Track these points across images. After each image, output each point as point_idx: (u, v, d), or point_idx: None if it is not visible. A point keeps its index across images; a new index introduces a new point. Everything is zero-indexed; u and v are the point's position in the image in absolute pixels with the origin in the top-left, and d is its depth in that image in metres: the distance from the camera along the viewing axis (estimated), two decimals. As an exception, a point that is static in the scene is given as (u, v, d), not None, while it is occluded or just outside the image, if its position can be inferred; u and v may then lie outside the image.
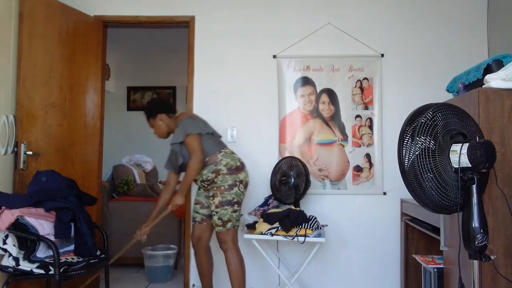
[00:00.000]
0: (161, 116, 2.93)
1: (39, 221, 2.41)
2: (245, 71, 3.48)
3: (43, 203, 2.49)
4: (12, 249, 2.32)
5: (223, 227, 2.76)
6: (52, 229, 2.45)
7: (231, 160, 2.80)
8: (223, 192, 2.74)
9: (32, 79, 2.86)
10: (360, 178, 3.38)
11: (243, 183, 2.81)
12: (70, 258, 2.47)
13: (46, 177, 2.61)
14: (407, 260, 3.13)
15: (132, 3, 3.53)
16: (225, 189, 2.74)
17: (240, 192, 2.79)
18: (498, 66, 1.96)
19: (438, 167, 1.52)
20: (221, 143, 2.94)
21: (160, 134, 2.99)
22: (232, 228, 2.79)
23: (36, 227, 2.37)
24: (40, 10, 2.94)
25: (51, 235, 2.43)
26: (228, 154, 2.82)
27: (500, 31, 3.28)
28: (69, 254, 2.51)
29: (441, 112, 1.58)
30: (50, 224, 2.46)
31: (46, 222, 2.44)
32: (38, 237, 2.34)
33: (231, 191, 2.75)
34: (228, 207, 2.74)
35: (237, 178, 2.77)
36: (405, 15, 3.48)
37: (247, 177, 2.87)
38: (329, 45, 3.45)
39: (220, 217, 2.75)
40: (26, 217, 2.35)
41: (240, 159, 2.88)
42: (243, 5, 3.51)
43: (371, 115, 3.41)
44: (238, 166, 2.82)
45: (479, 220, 1.52)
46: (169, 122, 2.95)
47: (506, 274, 1.81)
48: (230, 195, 2.74)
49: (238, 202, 2.79)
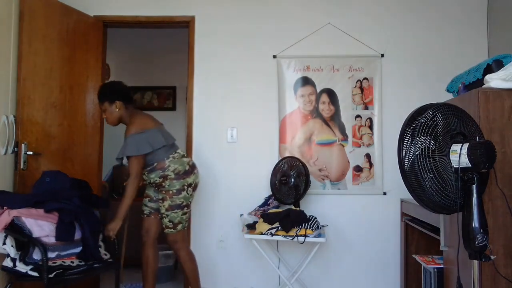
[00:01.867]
0: (119, 103, 2.79)
1: (39, 222, 2.38)
2: (245, 71, 3.48)
3: (44, 203, 2.45)
4: (10, 250, 2.31)
5: (173, 229, 2.80)
6: (53, 231, 2.42)
7: (179, 165, 2.79)
8: (172, 196, 2.76)
9: (32, 79, 2.86)
10: (360, 178, 3.38)
11: (191, 186, 2.83)
12: (70, 261, 2.41)
13: (50, 178, 2.60)
14: (407, 260, 3.13)
15: (132, 3, 3.53)
16: (174, 193, 2.76)
17: (188, 195, 2.81)
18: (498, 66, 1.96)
19: (438, 167, 1.52)
20: (172, 148, 2.85)
21: (111, 121, 2.83)
22: (182, 229, 2.84)
23: (33, 229, 2.33)
24: (40, 10, 2.94)
25: (51, 236, 2.40)
26: (176, 160, 2.80)
27: (500, 31, 3.28)
28: (71, 257, 2.45)
29: (441, 112, 1.58)
30: (52, 225, 2.42)
31: (46, 223, 2.41)
32: (29, 239, 2.30)
33: (180, 195, 2.77)
34: (178, 210, 2.78)
35: (185, 183, 2.79)
36: (405, 15, 3.48)
37: (196, 179, 2.88)
38: (329, 45, 3.45)
39: (171, 220, 2.78)
40: (23, 218, 2.33)
41: (190, 162, 2.88)
42: (243, 5, 3.51)
43: (371, 115, 3.41)
44: (187, 170, 2.82)
45: (479, 220, 1.52)
46: (124, 113, 2.82)
47: (506, 274, 1.81)
48: (179, 199, 2.77)
49: (187, 205, 2.83)
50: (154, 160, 2.74)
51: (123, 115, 2.83)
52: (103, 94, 2.82)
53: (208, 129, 3.47)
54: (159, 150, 2.75)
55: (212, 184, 3.41)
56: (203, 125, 3.47)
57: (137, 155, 2.68)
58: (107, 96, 2.80)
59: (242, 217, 3.16)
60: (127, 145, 2.69)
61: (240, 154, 3.45)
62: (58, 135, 3.04)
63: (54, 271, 2.29)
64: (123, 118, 2.84)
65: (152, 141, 2.73)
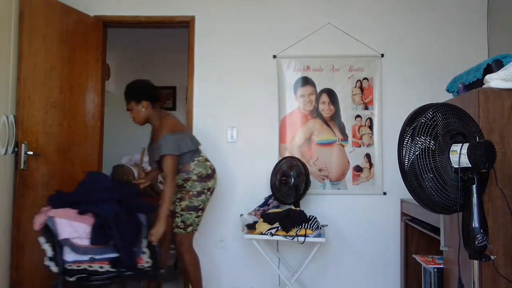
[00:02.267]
0: (146, 103, 2.77)
1: (73, 223, 2.32)
2: (245, 71, 3.48)
3: (80, 205, 2.40)
4: (48, 250, 2.29)
5: (184, 230, 2.79)
6: (87, 233, 2.34)
7: (203, 169, 2.83)
8: (191, 198, 2.77)
9: (32, 79, 2.86)
10: (360, 178, 3.38)
11: (210, 190, 2.86)
12: (99, 266, 2.30)
13: (88, 178, 2.56)
14: (407, 260, 3.13)
15: (132, 3, 3.53)
16: (193, 195, 2.77)
17: (206, 199, 2.83)
18: (498, 66, 1.96)
19: (438, 167, 1.52)
20: (197, 151, 2.88)
21: (138, 121, 2.82)
22: (192, 231, 2.84)
23: (63, 229, 2.28)
24: (40, 10, 2.94)
25: (84, 238, 2.33)
26: (200, 163, 2.83)
27: (500, 31, 3.28)
28: (102, 262, 2.33)
29: (441, 112, 1.58)
30: (87, 227, 2.34)
31: (81, 224, 2.33)
32: (55, 240, 2.26)
33: (199, 197, 2.78)
34: (193, 212, 2.77)
35: (205, 186, 2.81)
36: (405, 15, 3.48)
37: (215, 184, 2.91)
38: (329, 45, 3.45)
39: (183, 220, 2.77)
40: (57, 218, 2.29)
41: (212, 166, 2.91)
42: (243, 5, 3.51)
43: (371, 115, 3.41)
44: (209, 174, 2.85)
45: (479, 220, 1.52)
46: (151, 113, 2.80)
47: (506, 274, 1.81)
48: (197, 201, 2.78)
49: (202, 209, 2.83)
50: (180, 163, 2.75)
51: (150, 115, 2.80)
52: (130, 93, 2.79)
53: (208, 129, 3.46)
54: (187, 153, 2.77)
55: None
56: (203, 125, 3.47)
57: (173, 155, 2.67)
58: (134, 95, 2.77)
59: (242, 217, 3.16)
60: (163, 145, 2.67)
61: (240, 154, 3.45)
62: (58, 135, 3.04)
63: (75, 274, 2.21)
64: (150, 118, 2.82)
65: (183, 144, 2.76)
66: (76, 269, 2.25)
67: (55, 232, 2.28)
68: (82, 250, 2.30)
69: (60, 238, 2.27)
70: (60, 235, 2.28)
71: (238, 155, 3.44)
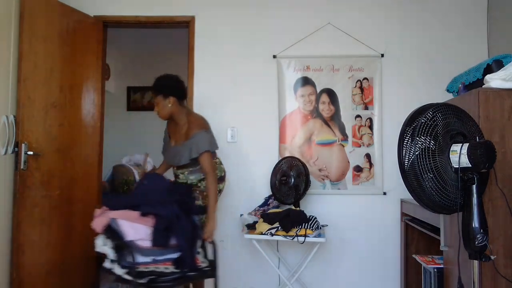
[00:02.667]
0: (173, 99, 2.71)
1: (134, 225, 2.29)
2: (245, 71, 3.48)
3: (140, 206, 2.38)
4: (109, 252, 2.27)
5: None
6: (148, 234, 2.32)
7: (218, 171, 2.83)
8: (205, 198, 2.72)
9: (33, 79, 2.85)
10: (360, 178, 3.38)
11: (220, 192, 2.88)
12: (164, 267, 2.29)
13: (148, 180, 2.55)
14: (407, 260, 3.13)
15: (132, 3, 3.53)
16: (207, 195, 2.69)
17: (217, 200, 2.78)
18: (498, 66, 1.97)
19: (438, 167, 1.52)
20: (214, 153, 2.87)
21: (163, 115, 2.77)
22: None
23: (127, 231, 2.26)
24: (41, 10, 2.93)
25: (146, 240, 2.31)
26: (217, 165, 2.85)
27: (500, 31, 3.28)
28: (166, 263, 2.32)
29: (441, 112, 1.58)
30: (148, 229, 2.32)
31: (142, 226, 2.31)
32: (120, 242, 2.24)
33: None
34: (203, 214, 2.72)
35: (217, 188, 2.76)
36: (405, 15, 3.48)
37: (224, 187, 2.93)
38: (329, 45, 3.45)
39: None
40: (119, 220, 2.27)
41: (225, 169, 2.94)
42: (243, 5, 3.51)
43: (371, 115, 3.41)
44: (222, 176, 2.87)
45: (479, 220, 1.52)
46: (176, 109, 2.75)
47: (506, 274, 1.81)
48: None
49: None
50: (198, 163, 2.71)
51: (175, 111, 2.75)
52: (158, 87, 2.74)
53: (208, 129, 3.46)
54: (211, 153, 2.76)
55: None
56: (203, 125, 3.47)
57: (210, 151, 2.68)
58: (162, 90, 2.72)
59: (242, 217, 3.16)
60: (200, 142, 2.64)
61: (240, 154, 3.44)
62: (58, 135, 3.03)
63: (146, 276, 2.19)
64: (174, 114, 2.76)
65: (214, 142, 2.79)
66: (146, 270, 2.22)
67: (121, 234, 2.25)
68: (145, 252, 2.27)
69: (126, 239, 2.24)
70: (126, 236, 2.25)
71: (238, 155, 3.44)
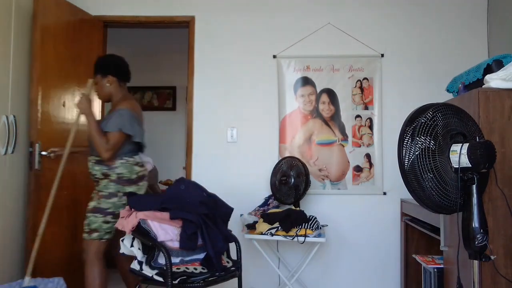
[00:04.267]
0: (112, 79, 2.64)
1: (163, 226, 2.28)
2: (245, 71, 3.48)
3: (170, 209, 2.37)
4: (137, 253, 2.27)
5: (88, 234, 2.50)
6: (177, 235, 2.30)
7: (127, 171, 2.56)
8: (100, 198, 2.52)
9: (44, 79, 2.86)
10: (360, 178, 3.38)
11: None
12: (193, 268, 2.27)
13: (185, 186, 2.51)
14: (407, 260, 3.14)
15: (132, 3, 3.53)
16: (104, 195, 2.51)
17: (120, 203, 2.52)
18: (498, 66, 1.97)
19: (438, 167, 1.52)
20: (133, 151, 2.65)
21: (102, 96, 2.69)
22: (98, 239, 2.51)
23: (158, 232, 2.25)
24: (51, 10, 2.95)
25: (175, 241, 2.30)
26: (128, 165, 2.57)
27: (500, 31, 3.28)
28: (194, 263, 2.32)
29: (441, 112, 1.58)
30: (176, 229, 2.31)
31: (170, 227, 2.30)
32: (154, 243, 2.23)
33: (109, 200, 2.51)
34: (99, 215, 2.50)
35: (121, 189, 2.53)
36: (405, 15, 3.48)
37: (138, 191, 2.61)
38: (329, 45, 3.45)
39: (88, 223, 2.51)
40: (149, 221, 2.26)
41: (141, 172, 2.64)
42: (243, 5, 3.51)
43: (371, 115, 3.41)
44: (132, 179, 2.57)
45: (479, 220, 1.52)
46: (115, 90, 2.65)
47: (506, 274, 1.81)
48: (106, 204, 2.50)
49: (113, 214, 2.51)
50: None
51: (113, 92, 2.66)
52: (96, 66, 2.67)
53: (208, 129, 3.47)
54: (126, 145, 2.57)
55: (212, 184, 3.40)
56: (203, 125, 3.47)
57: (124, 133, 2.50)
58: (101, 68, 2.65)
59: (242, 217, 3.16)
60: (117, 117, 2.51)
61: (240, 154, 3.45)
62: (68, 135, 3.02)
63: (178, 277, 2.18)
64: (113, 95, 2.66)
65: (137, 130, 2.57)
66: (177, 271, 2.21)
67: (153, 235, 2.24)
68: (174, 253, 2.27)
69: (158, 240, 2.23)
70: (157, 237, 2.24)
71: (238, 155, 3.44)
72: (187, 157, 3.52)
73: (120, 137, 2.52)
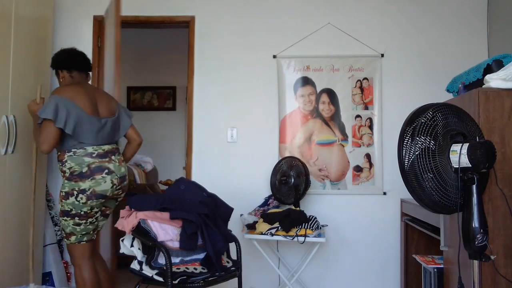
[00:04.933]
0: (62, 73, 2.53)
1: (163, 225, 2.27)
2: (245, 71, 3.48)
3: (170, 209, 2.36)
4: (137, 253, 2.27)
5: (67, 239, 2.41)
6: (177, 235, 2.30)
7: (75, 164, 2.32)
8: (62, 200, 2.35)
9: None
10: (360, 178, 3.38)
11: (85, 193, 2.31)
12: (193, 268, 2.28)
13: (185, 186, 2.51)
14: (407, 260, 3.13)
15: (132, 3, 3.52)
16: (63, 196, 2.35)
17: (79, 203, 2.31)
18: (498, 66, 1.97)
19: (438, 167, 1.52)
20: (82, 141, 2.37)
21: None
22: (77, 242, 2.38)
23: (158, 232, 2.24)
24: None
25: (175, 241, 2.29)
26: (76, 157, 2.34)
27: (500, 31, 3.28)
28: (194, 263, 2.32)
29: (441, 112, 1.58)
30: (176, 229, 2.31)
31: (170, 227, 2.30)
32: (154, 243, 2.22)
33: (67, 200, 2.32)
34: (67, 218, 2.34)
35: (76, 187, 2.31)
36: (405, 15, 3.48)
37: (97, 186, 2.33)
38: (329, 45, 3.45)
39: (63, 228, 2.41)
40: (149, 221, 2.25)
41: (94, 164, 2.34)
42: (243, 5, 3.51)
43: (371, 115, 3.41)
44: (83, 172, 2.32)
45: (479, 220, 1.52)
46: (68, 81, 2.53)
47: (506, 274, 1.81)
48: (67, 205, 2.33)
49: (79, 215, 2.33)
50: (58, 149, 2.40)
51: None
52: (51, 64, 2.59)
53: (208, 129, 3.47)
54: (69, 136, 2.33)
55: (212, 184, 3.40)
56: (203, 125, 3.47)
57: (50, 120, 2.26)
58: (52, 65, 2.57)
59: (242, 217, 3.16)
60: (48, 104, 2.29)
61: (240, 154, 3.45)
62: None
63: (178, 277, 2.17)
64: None
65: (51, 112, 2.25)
66: (177, 271, 2.21)
67: (153, 235, 2.24)
68: (174, 253, 2.27)
69: (158, 240, 2.23)
70: (157, 237, 2.24)
71: (238, 155, 3.44)
72: (187, 157, 3.53)
73: (45, 126, 2.27)
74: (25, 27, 2.84)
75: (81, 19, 3.47)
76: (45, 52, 3.08)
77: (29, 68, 2.88)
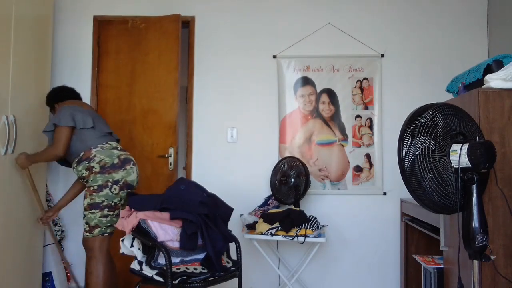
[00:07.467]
0: (58, 106, 2.73)
1: (163, 226, 2.28)
2: (245, 71, 3.48)
3: (170, 210, 2.36)
4: (137, 253, 2.28)
5: (89, 233, 2.49)
6: (177, 235, 2.31)
7: (106, 156, 2.50)
8: (92, 194, 2.47)
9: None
10: (360, 178, 3.38)
11: (118, 183, 2.49)
12: (193, 268, 2.28)
13: (185, 186, 2.50)
14: (407, 260, 3.14)
15: (131, 3, 3.53)
16: (94, 190, 2.47)
17: (112, 194, 2.48)
18: (498, 66, 1.97)
19: (438, 167, 1.52)
20: (104, 137, 2.60)
21: None
22: (100, 235, 2.49)
23: (158, 232, 2.25)
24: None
25: (175, 241, 2.30)
26: (104, 150, 2.53)
27: (500, 31, 3.28)
28: (194, 263, 2.33)
29: (441, 112, 1.58)
30: (176, 229, 2.31)
31: (170, 227, 2.30)
32: (154, 243, 2.22)
33: (100, 192, 2.46)
34: (96, 210, 2.46)
35: (110, 178, 2.47)
36: (405, 15, 3.48)
37: (128, 176, 2.53)
38: (329, 45, 3.45)
39: (87, 221, 2.48)
40: (149, 221, 2.26)
41: (122, 156, 2.56)
42: (243, 5, 3.51)
43: (371, 115, 3.41)
44: (115, 164, 2.50)
45: (479, 220, 1.52)
46: None
47: (506, 274, 1.81)
48: (98, 198, 2.46)
49: (109, 206, 2.48)
50: (81, 149, 2.53)
51: None
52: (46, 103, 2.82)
53: (208, 129, 3.47)
54: (89, 135, 2.54)
55: (212, 184, 3.41)
56: (203, 125, 3.48)
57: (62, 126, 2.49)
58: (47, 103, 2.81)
59: (242, 217, 3.16)
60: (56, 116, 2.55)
61: (240, 154, 3.45)
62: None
63: (178, 277, 2.17)
64: None
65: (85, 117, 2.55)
66: (177, 271, 2.21)
67: (153, 235, 2.24)
68: (174, 253, 2.27)
69: (158, 240, 2.23)
70: (157, 237, 2.24)
71: (238, 155, 3.44)
72: (187, 157, 3.53)
73: (58, 132, 2.51)
74: (25, 27, 2.84)
75: (81, 19, 3.47)
76: (45, 52, 3.08)
77: (29, 68, 2.88)
